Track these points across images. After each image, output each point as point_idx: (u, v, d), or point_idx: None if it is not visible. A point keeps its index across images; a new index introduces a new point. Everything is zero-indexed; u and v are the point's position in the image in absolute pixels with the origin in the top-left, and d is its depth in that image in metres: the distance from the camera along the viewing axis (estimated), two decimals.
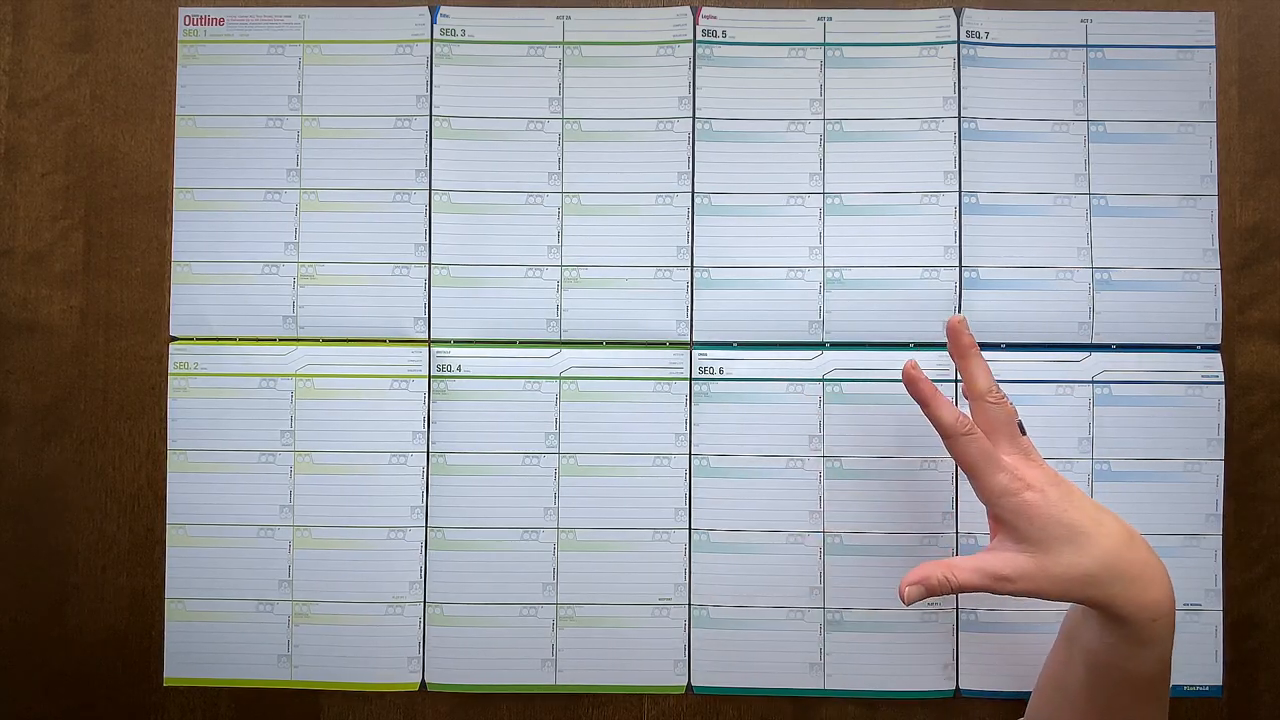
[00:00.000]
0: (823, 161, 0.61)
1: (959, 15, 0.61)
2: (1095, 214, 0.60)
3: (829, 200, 0.60)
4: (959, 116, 0.60)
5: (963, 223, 0.60)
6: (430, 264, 0.61)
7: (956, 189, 0.60)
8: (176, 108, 0.61)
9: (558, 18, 0.61)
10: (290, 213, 0.61)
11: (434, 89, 0.61)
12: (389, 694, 0.60)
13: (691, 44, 0.61)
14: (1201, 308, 0.60)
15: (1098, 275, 0.60)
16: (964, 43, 0.61)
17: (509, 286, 0.60)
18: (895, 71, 0.61)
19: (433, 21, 0.61)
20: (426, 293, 0.60)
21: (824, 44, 0.61)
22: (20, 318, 0.61)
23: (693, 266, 0.60)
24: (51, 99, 0.61)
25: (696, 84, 0.61)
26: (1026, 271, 0.60)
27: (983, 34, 0.61)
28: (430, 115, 0.61)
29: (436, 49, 0.61)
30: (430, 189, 0.61)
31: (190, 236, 0.61)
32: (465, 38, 0.61)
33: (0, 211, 0.61)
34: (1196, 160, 0.60)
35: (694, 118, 0.61)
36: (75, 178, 0.61)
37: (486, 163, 0.61)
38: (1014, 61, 0.61)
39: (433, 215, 0.61)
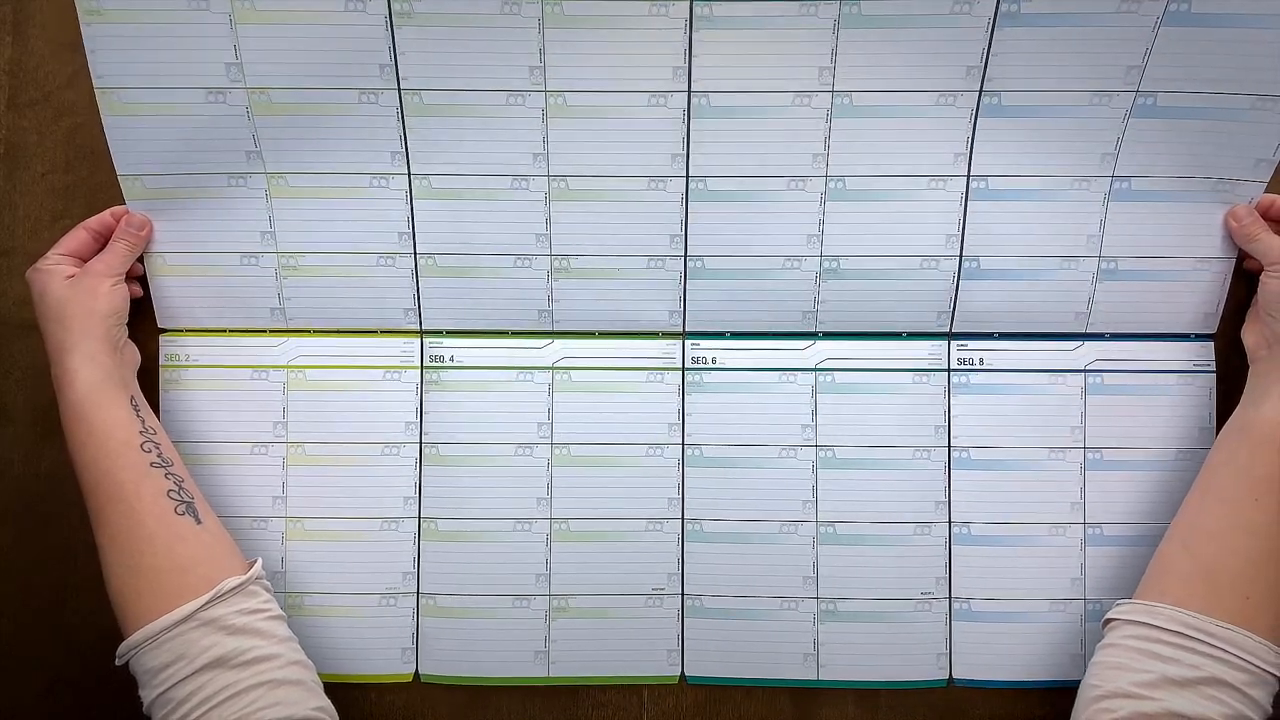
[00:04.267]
0: (828, 140, 0.57)
1: None
2: (1114, 199, 0.57)
3: (831, 184, 0.57)
4: (980, 90, 0.55)
5: (969, 209, 0.58)
6: (415, 253, 0.59)
7: (965, 173, 0.57)
8: (93, 78, 0.56)
9: None
10: (260, 200, 0.58)
11: (398, 55, 0.55)
12: (383, 685, 0.60)
13: (688, 1, 0.55)
14: (1206, 297, 0.58)
15: (1104, 265, 0.58)
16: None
17: (498, 276, 0.59)
18: (918, 33, 0.54)
19: None
20: (414, 283, 0.59)
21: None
22: (20, 318, 0.60)
23: (686, 255, 0.59)
24: (51, 99, 0.60)
25: (693, 50, 0.55)
26: (1029, 260, 0.58)
27: None
28: (398, 88, 0.56)
29: (395, 6, 0.54)
30: (409, 173, 0.57)
31: (158, 227, 0.58)
32: None
33: (0, 211, 0.61)
34: (1259, 139, 0.55)
35: (689, 91, 0.56)
36: (75, 178, 0.60)
37: (465, 142, 0.57)
38: (1055, 20, 0.54)
39: (414, 202, 0.58)
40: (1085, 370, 0.59)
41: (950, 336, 0.60)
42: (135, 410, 0.54)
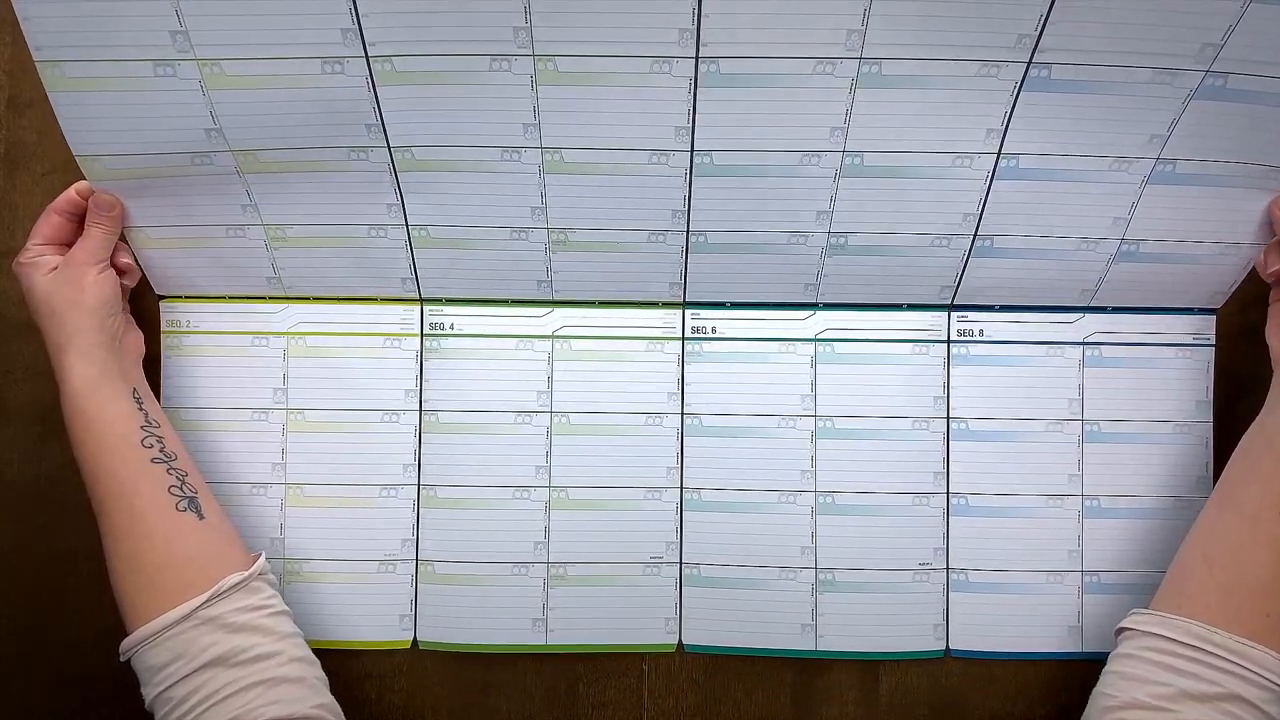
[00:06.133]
0: (849, 114, 0.52)
1: None
2: (1153, 181, 0.54)
3: (848, 160, 0.53)
4: (1030, 61, 0.50)
5: (993, 188, 0.54)
6: (407, 225, 0.57)
7: (996, 150, 0.53)
8: (31, 50, 0.50)
9: None
10: (232, 176, 0.54)
11: (360, 18, 0.49)
12: (381, 652, 0.60)
13: None
14: (1221, 278, 0.57)
15: (1125, 246, 0.56)
16: None
17: (494, 249, 0.58)
18: None
19: None
20: (409, 254, 0.58)
21: None
22: (20, 318, 0.59)
23: (688, 231, 0.57)
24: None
25: (702, 10, 0.48)
26: (1047, 240, 0.56)
27: None
28: (365, 56, 0.50)
29: None
30: (389, 146, 0.53)
31: (131, 205, 0.56)
32: None
33: (0, 211, 0.61)
34: None
35: (697, 57, 0.50)
36: (75, 178, 0.58)
37: (447, 111, 0.52)
38: None
39: (399, 175, 0.54)
40: (1084, 343, 0.59)
41: (951, 308, 0.60)
42: (138, 403, 0.53)
